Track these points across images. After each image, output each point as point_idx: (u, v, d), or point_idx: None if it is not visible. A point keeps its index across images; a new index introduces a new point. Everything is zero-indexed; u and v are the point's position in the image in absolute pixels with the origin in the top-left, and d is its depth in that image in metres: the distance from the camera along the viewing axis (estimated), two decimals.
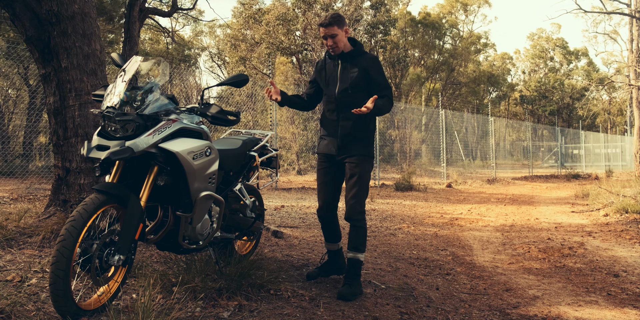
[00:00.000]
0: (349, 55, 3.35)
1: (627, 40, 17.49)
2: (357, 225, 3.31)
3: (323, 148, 3.44)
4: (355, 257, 3.30)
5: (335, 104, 3.36)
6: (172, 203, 2.80)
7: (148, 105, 2.64)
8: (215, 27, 34.44)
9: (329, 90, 3.40)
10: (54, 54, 4.01)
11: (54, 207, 4.06)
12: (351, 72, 3.32)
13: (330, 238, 3.52)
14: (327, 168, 3.44)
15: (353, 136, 3.33)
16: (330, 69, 3.42)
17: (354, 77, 3.31)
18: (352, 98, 3.29)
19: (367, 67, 3.31)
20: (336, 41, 3.28)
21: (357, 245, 3.30)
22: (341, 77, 3.35)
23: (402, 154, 18.35)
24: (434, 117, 20.65)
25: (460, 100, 36.22)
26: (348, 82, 3.32)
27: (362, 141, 3.35)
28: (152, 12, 10.85)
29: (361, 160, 3.33)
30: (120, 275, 2.58)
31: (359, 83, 3.31)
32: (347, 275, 3.28)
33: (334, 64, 3.41)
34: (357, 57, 3.35)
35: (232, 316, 2.67)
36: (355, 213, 3.29)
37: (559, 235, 6.06)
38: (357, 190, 3.30)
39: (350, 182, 3.33)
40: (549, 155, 29.53)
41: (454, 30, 35.43)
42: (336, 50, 3.32)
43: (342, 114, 3.33)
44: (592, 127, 46.27)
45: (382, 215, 7.49)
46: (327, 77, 3.42)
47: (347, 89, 3.31)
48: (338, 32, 3.27)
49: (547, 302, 3.45)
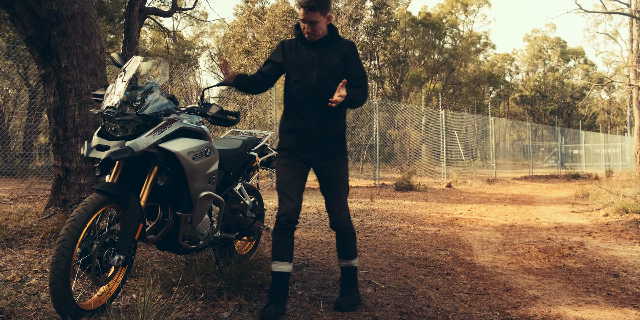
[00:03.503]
0: (325, 40, 2.94)
1: (627, 40, 17.50)
2: (346, 233, 3.02)
3: (291, 144, 2.95)
4: (349, 264, 3.04)
5: (311, 94, 2.90)
6: (172, 203, 2.80)
7: (148, 105, 2.64)
8: (216, 27, 34.46)
9: (303, 78, 2.92)
10: (54, 54, 4.01)
11: (54, 207, 4.06)
12: (330, 58, 2.92)
13: (286, 253, 2.86)
14: (294, 163, 2.93)
15: (329, 131, 2.94)
16: (303, 53, 2.95)
17: (333, 65, 2.91)
18: (331, 88, 2.85)
19: (346, 54, 2.94)
20: (315, 29, 2.87)
21: (349, 252, 3.03)
22: (318, 64, 2.92)
23: (402, 154, 18.36)
24: (434, 117, 20.66)
25: (460, 100, 36.22)
26: (327, 70, 2.91)
27: (337, 137, 2.98)
28: (152, 12, 10.85)
29: (340, 160, 2.99)
30: (120, 275, 2.58)
31: (338, 71, 2.91)
32: (344, 284, 3.04)
33: (307, 48, 2.95)
34: (334, 43, 2.96)
35: (232, 316, 2.67)
36: (343, 220, 3.00)
37: (559, 235, 6.06)
38: (341, 195, 2.99)
39: (331, 187, 2.98)
40: (549, 155, 29.53)
41: (454, 30, 35.42)
42: (312, 37, 2.91)
43: (319, 106, 2.87)
44: (592, 127, 46.26)
45: (382, 215, 7.49)
46: (300, 62, 2.94)
47: (327, 78, 2.90)
48: (320, 19, 2.86)
49: (547, 302, 3.45)
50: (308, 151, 2.93)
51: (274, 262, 2.85)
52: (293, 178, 2.91)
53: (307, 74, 2.92)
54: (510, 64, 46.47)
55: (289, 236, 2.87)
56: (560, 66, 46.26)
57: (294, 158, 2.93)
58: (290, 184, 2.90)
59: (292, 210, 2.86)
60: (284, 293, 2.82)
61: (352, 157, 19.50)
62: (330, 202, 3.00)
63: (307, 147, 2.92)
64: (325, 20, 2.91)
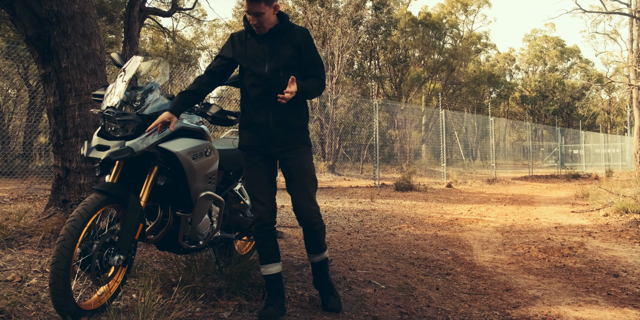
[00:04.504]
0: (276, 31, 2.80)
1: (627, 40, 17.49)
2: (317, 228, 2.84)
3: (250, 140, 2.83)
4: (323, 257, 2.92)
5: (265, 87, 2.76)
6: (172, 203, 2.80)
7: (148, 105, 2.64)
8: (215, 27, 34.46)
9: (255, 72, 2.78)
10: (54, 54, 4.01)
11: (54, 207, 4.06)
12: (281, 49, 2.78)
13: (272, 255, 2.82)
14: (258, 163, 2.81)
15: (288, 124, 2.79)
16: (254, 46, 2.80)
17: (286, 56, 2.77)
18: (284, 80, 2.73)
19: (299, 44, 2.79)
20: (261, 20, 2.71)
21: (320, 245, 2.89)
22: (270, 56, 2.77)
23: (402, 154, 18.36)
24: (434, 117, 20.66)
25: (461, 100, 36.23)
26: (279, 61, 2.76)
27: (298, 129, 2.84)
28: (152, 12, 10.86)
29: (302, 151, 2.83)
30: (120, 275, 2.58)
31: (291, 62, 2.78)
32: (323, 282, 2.92)
33: (258, 40, 2.81)
34: (286, 33, 2.81)
35: (232, 316, 2.67)
36: (313, 215, 2.81)
37: (559, 235, 6.06)
38: (309, 188, 2.82)
39: (297, 181, 2.82)
40: (549, 155, 29.54)
41: (454, 30, 35.44)
42: (261, 30, 2.76)
43: (274, 99, 2.72)
44: (592, 127, 46.28)
45: (382, 215, 7.49)
46: (250, 54, 2.80)
47: (279, 70, 2.75)
48: (265, 10, 2.69)
49: (547, 302, 3.45)
50: (268, 146, 2.80)
51: (262, 266, 2.81)
52: (259, 179, 2.81)
53: (258, 67, 2.78)
54: (511, 64, 46.49)
55: (270, 238, 2.83)
56: (560, 66, 46.29)
57: (257, 157, 2.82)
58: (258, 186, 2.81)
59: (265, 214, 2.79)
60: (279, 294, 2.79)
61: (352, 157, 19.50)
62: (298, 196, 2.81)
63: (266, 141, 2.79)
64: (272, 11, 2.74)
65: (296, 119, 2.83)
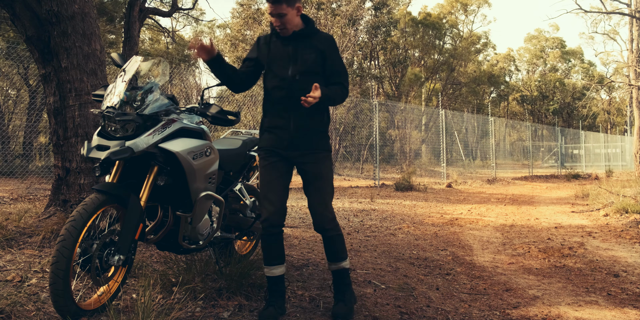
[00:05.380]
0: (300, 34, 2.83)
1: (627, 40, 17.49)
2: (332, 235, 2.83)
3: (270, 142, 2.84)
4: (340, 266, 2.87)
5: (287, 90, 2.79)
6: (172, 203, 2.80)
7: (148, 105, 2.64)
8: (215, 27, 34.46)
9: (278, 74, 2.82)
10: (54, 54, 4.01)
11: (54, 207, 4.06)
12: (305, 53, 2.80)
13: (277, 257, 2.81)
14: (275, 163, 2.81)
15: (308, 128, 2.80)
16: (279, 49, 2.84)
17: (309, 60, 2.79)
18: (307, 84, 2.73)
19: (324, 50, 2.82)
20: (284, 22, 2.74)
21: (339, 254, 2.86)
22: (294, 59, 2.80)
23: (402, 154, 18.36)
24: (434, 117, 20.66)
25: (460, 100, 36.23)
26: (303, 65, 2.79)
27: (319, 134, 2.85)
28: (152, 12, 10.86)
29: (322, 157, 2.83)
30: (120, 275, 2.58)
31: (314, 67, 2.80)
32: (338, 289, 2.88)
33: (282, 43, 2.84)
34: (311, 37, 2.84)
35: (232, 316, 2.67)
36: (327, 221, 2.80)
37: (559, 235, 6.06)
38: (324, 194, 2.81)
39: (313, 185, 2.82)
40: (549, 155, 29.53)
41: (454, 31, 35.44)
42: (284, 32, 2.79)
43: (296, 102, 2.73)
44: (592, 127, 46.28)
45: (382, 215, 7.49)
46: (274, 56, 2.84)
47: (302, 74, 2.78)
48: (287, 11, 2.73)
49: (547, 302, 3.45)
50: (288, 149, 2.80)
51: (265, 266, 2.80)
52: (274, 179, 2.79)
53: (282, 69, 2.81)
54: (511, 64, 46.49)
55: (276, 241, 2.80)
56: (561, 66, 46.31)
57: (274, 158, 2.82)
58: (271, 186, 2.79)
59: (274, 215, 2.76)
60: (280, 295, 2.78)
61: (352, 157, 19.49)
62: (313, 202, 2.81)
63: (286, 144, 2.80)
64: (295, 12, 2.77)
65: (317, 123, 2.84)
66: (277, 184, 2.80)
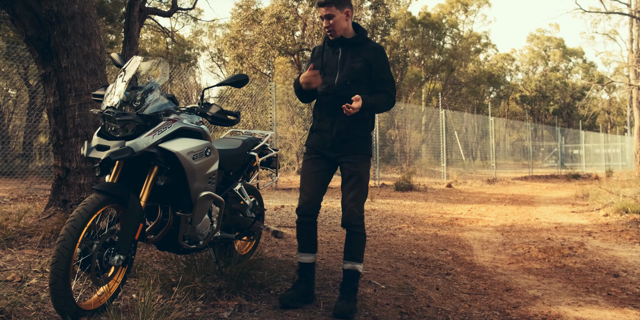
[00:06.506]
0: (350, 42, 2.99)
1: (627, 40, 17.50)
2: (356, 232, 2.95)
3: (315, 142, 3.06)
4: (354, 268, 2.94)
5: (333, 96, 2.96)
6: (172, 203, 2.80)
7: (148, 105, 2.64)
8: (214, 27, 34.46)
9: (326, 81, 2.99)
10: (54, 54, 4.01)
11: (54, 207, 4.06)
12: (353, 62, 2.96)
13: (308, 246, 3.01)
14: (318, 159, 3.03)
15: (350, 133, 2.97)
16: (329, 57, 3.03)
17: (355, 69, 2.95)
18: (352, 91, 2.91)
19: (371, 60, 2.96)
20: (333, 23, 2.92)
21: (355, 254, 2.94)
22: (341, 67, 2.97)
23: (402, 154, 18.35)
24: (434, 117, 20.65)
25: (460, 100, 36.21)
26: (349, 73, 2.95)
27: (360, 139, 3.01)
28: (152, 12, 10.86)
29: (360, 159, 2.99)
30: (120, 275, 2.58)
31: (361, 75, 2.95)
32: (345, 289, 2.93)
33: (333, 51, 3.02)
34: (360, 46, 3.00)
35: (232, 316, 2.67)
36: (355, 218, 2.93)
37: (559, 235, 6.06)
38: (357, 193, 2.94)
39: (348, 183, 2.96)
40: (549, 156, 29.53)
41: (454, 30, 35.42)
42: (333, 33, 2.96)
43: (339, 109, 2.90)
44: (592, 127, 46.28)
45: (382, 215, 7.49)
46: (326, 65, 3.02)
47: (347, 81, 2.95)
48: (336, 13, 2.91)
49: (547, 302, 3.45)
50: (329, 150, 3.01)
51: (298, 253, 3.05)
52: (312, 173, 3.01)
53: (330, 77, 2.99)
54: (511, 64, 46.49)
55: (308, 230, 3.01)
56: (561, 66, 46.31)
57: (316, 155, 3.05)
58: (309, 179, 3.00)
59: (306, 205, 2.97)
60: (306, 281, 2.97)
61: None
62: (346, 198, 2.96)
63: (328, 146, 3.00)
64: (344, 16, 2.95)
65: (359, 129, 3.00)
66: (314, 177, 3.01)
